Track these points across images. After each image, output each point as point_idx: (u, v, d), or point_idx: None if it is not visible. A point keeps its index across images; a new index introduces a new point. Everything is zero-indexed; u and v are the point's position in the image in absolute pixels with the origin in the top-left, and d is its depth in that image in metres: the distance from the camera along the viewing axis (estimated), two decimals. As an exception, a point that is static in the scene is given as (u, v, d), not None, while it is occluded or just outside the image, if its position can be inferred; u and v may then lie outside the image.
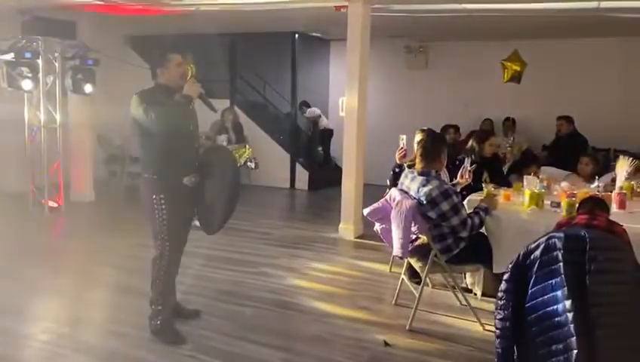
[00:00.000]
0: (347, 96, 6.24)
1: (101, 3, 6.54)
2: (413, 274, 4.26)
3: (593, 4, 5.82)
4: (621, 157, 4.69)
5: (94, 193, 8.01)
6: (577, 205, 3.25)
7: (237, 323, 3.81)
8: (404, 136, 4.71)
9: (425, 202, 3.61)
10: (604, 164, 7.01)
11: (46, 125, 7.13)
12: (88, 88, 7.14)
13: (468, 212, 3.79)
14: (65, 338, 3.57)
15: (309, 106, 9.94)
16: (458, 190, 4.08)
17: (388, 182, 4.87)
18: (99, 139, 8.60)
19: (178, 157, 3.36)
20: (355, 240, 6.17)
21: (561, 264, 2.34)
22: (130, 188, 8.25)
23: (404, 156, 4.65)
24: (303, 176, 9.51)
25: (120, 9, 6.80)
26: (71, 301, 4.30)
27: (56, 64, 7.13)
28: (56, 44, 7.06)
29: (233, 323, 3.82)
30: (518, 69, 7.26)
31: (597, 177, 4.85)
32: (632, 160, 4.51)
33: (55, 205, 7.21)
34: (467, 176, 4.16)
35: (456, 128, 7.28)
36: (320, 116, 9.85)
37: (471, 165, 4.17)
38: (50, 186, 7.14)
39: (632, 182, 4.43)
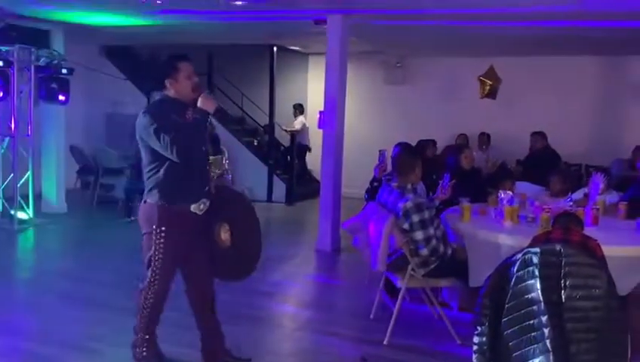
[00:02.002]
0: (325, 110, 6.26)
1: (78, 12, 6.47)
2: (390, 288, 4.26)
3: (566, 23, 5.97)
4: (594, 173, 4.78)
5: (66, 204, 7.84)
6: (552, 221, 3.30)
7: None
8: (384, 151, 4.74)
9: (401, 215, 3.63)
10: (577, 179, 7.16)
11: (17, 134, 6.98)
12: (62, 98, 7.02)
13: (445, 229, 3.83)
14: (36, 356, 3.45)
15: (302, 112, 9.93)
16: (437, 203, 4.12)
17: (366, 196, 4.87)
18: (72, 149, 8.45)
19: (190, 182, 2.99)
20: (333, 253, 6.15)
21: (537, 279, 2.36)
22: (103, 200, 8.11)
23: (384, 170, 4.67)
24: (280, 188, 9.47)
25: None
26: (41, 316, 4.18)
27: (30, 73, 7.01)
28: (30, 52, 6.94)
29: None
30: (494, 84, 7.39)
31: (570, 193, 4.94)
32: (605, 176, 4.60)
33: (25, 216, 7.03)
34: (446, 191, 4.18)
35: (433, 143, 7.35)
36: (299, 131, 9.84)
37: (450, 180, 4.20)
38: (21, 197, 6.97)
39: (604, 198, 4.51)
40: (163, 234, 2.97)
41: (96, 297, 4.52)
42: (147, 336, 3.20)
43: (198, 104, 2.94)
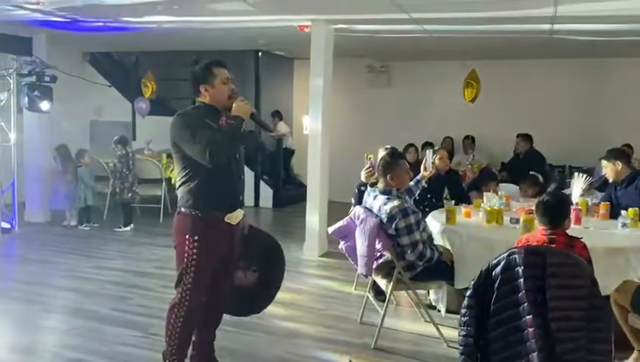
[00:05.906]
0: (311, 115, 6.26)
1: (60, 19, 6.42)
2: (377, 292, 4.26)
3: (546, 27, 6.06)
4: (576, 174, 4.85)
5: (50, 213, 7.75)
6: (534, 208, 3.30)
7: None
8: (372, 155, 4.76)
9: (385, 220, 3.64)
10: (560, 180, 7.23)
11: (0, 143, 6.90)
12: (45, 105, 6.94)
13: (431, 232, 3.85)
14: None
15: (281, 118, 9.91)
16: (424, 184, 4.16)
17: (352, 200, 4.89)
18: (55, 157, 8.34)
19: (223, 190, 2.90)
20: (320, 258, 6.15)
21: (522, 280, 2.38)
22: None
23: (372, 175, 4.68)
24: (267, 193, 9.45)
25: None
26: (23, 326, 4.12)
27: (11, 81, 6.93)
28: (12, 60, 6.86)
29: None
30: (477, 87, 7.47)
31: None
32: (586, 177, 4.67)
33: (8, 226, 6.93)
34: (431, 168, 4.24)
35: (415, 147, 7.36)
36: (285, 135, 9.82)
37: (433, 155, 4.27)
38: (4, 206, 6.87)
39: (587, 199, 4.57)
40: (196, 244, 2.82)
41: (77, 306, 4.47)
42: None
43: (233, 110, 2.82)
